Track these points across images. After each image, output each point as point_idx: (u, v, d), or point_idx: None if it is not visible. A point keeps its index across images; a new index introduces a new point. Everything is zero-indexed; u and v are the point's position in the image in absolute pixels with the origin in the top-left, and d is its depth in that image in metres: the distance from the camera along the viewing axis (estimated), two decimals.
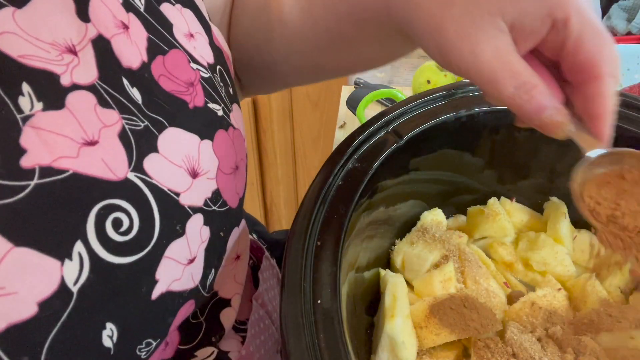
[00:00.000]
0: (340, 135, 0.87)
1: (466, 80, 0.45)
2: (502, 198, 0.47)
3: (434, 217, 0.45)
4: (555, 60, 0.28)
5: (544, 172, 0.45)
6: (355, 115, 0.81)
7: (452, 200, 0.47)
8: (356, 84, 0.96)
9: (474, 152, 0.44)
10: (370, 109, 0.83)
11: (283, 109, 1.34)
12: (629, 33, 0.90)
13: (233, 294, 0.37)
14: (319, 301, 0.28)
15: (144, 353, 0.27)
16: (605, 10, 0.92)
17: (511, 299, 0.40)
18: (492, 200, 0.46)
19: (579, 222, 0.45)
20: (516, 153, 0.45)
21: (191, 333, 0.35)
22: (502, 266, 0.42)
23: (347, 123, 0.89)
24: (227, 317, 0.37)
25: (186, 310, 0.30)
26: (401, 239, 0.44)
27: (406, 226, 0.45)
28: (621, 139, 0.40)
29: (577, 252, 0.43)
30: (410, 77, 0.96)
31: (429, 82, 0.82)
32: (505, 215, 0.45)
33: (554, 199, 0.46)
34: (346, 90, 0.96)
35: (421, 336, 0.36)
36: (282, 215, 1.58)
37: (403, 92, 0.79)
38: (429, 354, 0.36)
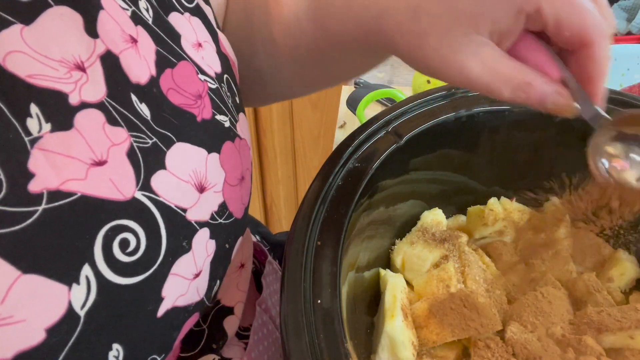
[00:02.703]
0: (340, 135, 0.87)
1: None
2: (502, 198, 0.47)
3: (434, 217, 0.45)
4: None
5: (544, 172, 0.45)
6: (355, 115, 0.81)
7: (452, 200, 0.47)
8: (356, 84, 0.96)
9: (473, 152, 0.44)
10: (370, 109, 0.83)
11: (283, 109, 1.34)
12: (629, 33, 0.90)
13: (236, 302, 0.37)
14: (319, 301, 0.28)
15: None
16: None
17: (511, 299, 0.40)
18: (492, 200, 0.46)
19: (579, 222, 0.45)
20: (516, 153, 0.45)
21: (193, 341, 0.35)
22: (502, 266, 0.42)
23: (347, 123, 0.89)
24: (230, 324, 0.37)
25: (191, 322, 0.30)
26: (401, 239, 0.44)
27: (406, 226, 0.45)
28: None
29: (577, 252, 0.43)
30: (410, 77, 0.96)
31: (429, 82, 0.82)
32: (505, 215, 0.45)
33: (554, 199, 0.46)
34: (346, 90, 0.96)
35: (421, 336, 0.36)
36: (282, 215, 1.58)
37: (403, 92, 0.79)
38: (429, 354, 0.36)
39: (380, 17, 0.29)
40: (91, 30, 0.24)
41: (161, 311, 0.26)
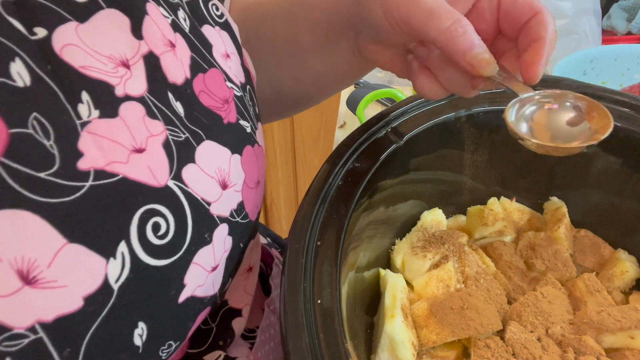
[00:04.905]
0: (340, 135, 0.87)
1: None
2: (502, 198, 0.47)
3: (434, 217, 0.45)
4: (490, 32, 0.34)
5: (544, 172, 0.45)
6: (355, 115, 0.81)
7: (452, 200, 0.47)
8: (356, 83, 0.96)
9: (474, 152, 0.44)
10: (370, 109, 0.83)
11: None
12: (629, 33, 0.90)
13: (244, 305, 0.38)
14: (319, 301, 0.28)
15: (164, 354, 0.28)
16: (605, 10, 0.92)
17: (511, 299, 0.40)
18: (492, 200, 0.46)
19: (579, 222, 0.45)
20: (516, 153, 0.45)
21: (201, 338, 0.36)
22: (502, 266, 0.42)
23: (347, 123, 0.89)
24: (238, 325, 0.38)
25: (203, 316, 0.31)
26: (401, 239, 0.44)
27: (406, 226, 0.45)
28: (621, 138, 0.40)
29: (577, 252, 0.44)
30: None
31: None
32: (505, 215, 0.45)
33: (554, 199, 0.46)
34: (346, 90, 0.96)
35: (421, 336, 0.36)
36: (282, 215, 1.58)
37: (403, 92, 0.79)
38: (429, 354, 0.36)
39: None
40: (137, 32, 0.27)
41: (182, 297, 0.27)
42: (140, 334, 0.25)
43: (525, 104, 0.31)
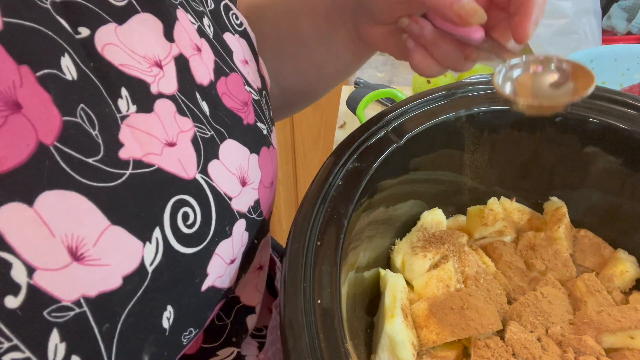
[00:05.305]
0: (340, 135, 0.87)
1: (466, 80, 0.45)
2: (502, 198, 0.47)
3: (434, 217, 0.45)
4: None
5: (544, 172, 0.45)
6: (355, 115, 0.81)
7: (452, 200, 0.47)
8: (356, 83, 0.96)
9: (474, 152, 0.44)
10: (370, 109, 0.83)
11: None
12: (629, 33, 0.90)
13: (256, 303, 0.39)
14: (319, 301, 0.28)
15: (185, 340, 0.29)
16: (605, 10, 0.92)
17: (511, 299, 0.40)
18: (492, 200, 0.46)
19: (579, 222, 0.45)
20: (516, 153, 0.45)
21: (216, 334, 0.37)
22: (502, 266, 0.42)
23: (347, 123, 0.89)
24: (251, 321, 0.39)
25: (218, 308, 0.32)
26: (401, 239, 0.44)
27: (406, 226, 0.45)
28: (621, 138, 0.40)
29: (577, 252, 0.44)
30: (410, 77, 0.96)
31: (429, 82, 0.82)
32: (505, 215, 0.45)
33: (554, 199, 0.46)
34: (346, 90, 0.96)
35: (421, 336, 0.36)
36: (282, 215, 1.58)
37: (403, 92, 0.79)
38: (429, 354, 0.36)
39: None
40: (169, 35, 0.29)
41: (204, 286, 0.29)
42: (168, 317, 0.27)
43: (512, 68, 0.32)
